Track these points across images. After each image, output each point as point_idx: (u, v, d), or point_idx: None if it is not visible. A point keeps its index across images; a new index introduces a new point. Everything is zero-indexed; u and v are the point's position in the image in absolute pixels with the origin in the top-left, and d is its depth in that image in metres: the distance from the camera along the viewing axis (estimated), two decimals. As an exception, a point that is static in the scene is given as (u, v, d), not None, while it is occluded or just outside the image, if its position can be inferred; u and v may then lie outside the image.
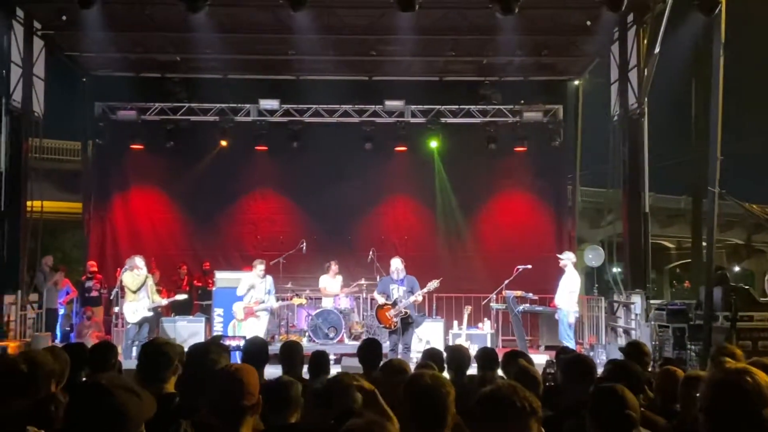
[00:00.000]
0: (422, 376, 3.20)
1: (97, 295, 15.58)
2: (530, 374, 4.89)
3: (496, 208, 17.98)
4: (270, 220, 17.88)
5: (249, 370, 3.34)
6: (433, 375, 3.21)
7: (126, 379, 2.29)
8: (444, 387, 3.09)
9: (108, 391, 2.13)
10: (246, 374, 3.27)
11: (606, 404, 3.32)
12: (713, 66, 11.40)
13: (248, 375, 3.28)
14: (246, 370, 3.31)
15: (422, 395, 3.05)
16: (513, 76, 16.95)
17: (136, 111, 17.08)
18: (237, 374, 3.26)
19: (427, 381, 3.11)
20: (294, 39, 14.69)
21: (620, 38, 14.75)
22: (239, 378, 3.23)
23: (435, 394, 3.04)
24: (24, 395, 3.70)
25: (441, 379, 3.18)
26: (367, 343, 6.24)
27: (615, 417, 3.26)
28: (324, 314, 14.33)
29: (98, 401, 2.11)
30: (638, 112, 14.11)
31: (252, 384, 3.24)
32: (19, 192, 14.04)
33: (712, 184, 11.20)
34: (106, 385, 2.16)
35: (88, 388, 2.22)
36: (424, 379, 3.15)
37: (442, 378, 3.21)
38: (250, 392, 3.21)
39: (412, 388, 3.15)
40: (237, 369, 3.32)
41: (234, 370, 3.31)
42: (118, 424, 2.10)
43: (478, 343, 12.58)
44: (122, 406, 2.11)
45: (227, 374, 3.29)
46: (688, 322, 11.89)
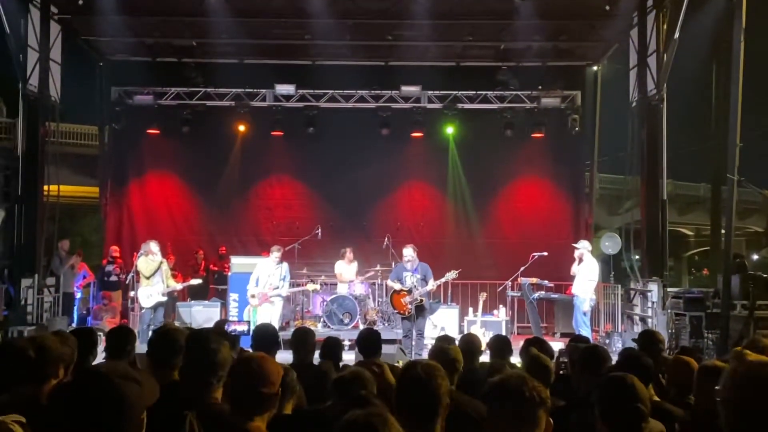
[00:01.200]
0: (415, 366, 3.15)
1: (116, 279, 15.67)
2: (541, 363, 4.84)
3: (512, 194, 17.90)
4: (286, 205, 17.89)
5: (272, 361, 3.30)
6: (425, 365, 3.15)
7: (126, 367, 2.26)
8: (437, 378, 3.04)
9: (107, 379, 2.11)
10: (269, 364, 3.23)
11: (615, 395, 3.25)
12: (733, 51, 11.24)
13: (270, 366, 3.24)
14: (269, 360, 3.27)
15: (414, 386, 3.00)
16: (531, 62, 16.81)
17: (152, 96, 17.11)
18: (260, 364, 3.21)
19: (419, 372, 3.06)
20: (310, 23, 14.66)
21: (639, 23, 14.57)
22: (262, 368, 3.19)
23: (427, 385, 2.99)
24: (32, 380, 3.70)
25: (435, 370, 3.11)
26: (365, 333, 6.20)
27: (624, 409, 3.20)
28: (339, 300, 14.33)
29: (98, 390, 2.09)
30: (657, 98, 13.96)
31: (274, 375, 3.21)
32: (35, 176, 14.09)
33: (731, 171, 11.06)
34: (106, 374, 2.13)
35: (87, 377, 2.20)
36: (416, 370, 3.10)
37: (436, 368, 3.15)
38: (272, 382, 3.18)
39: (404, 379, 3.11)
40: (261, 358, 3.27)
41: (258, 357, 3.26)
42: (118, 413, 2.08)
43: (493, 330, 12.56)
44: (122, 395, 2.09)
45: (250, 363, 3.24)
46: (706, 311, 11.81)
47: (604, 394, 3.30)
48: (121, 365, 2.30)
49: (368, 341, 5.84)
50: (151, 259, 12.63)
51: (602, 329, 15.09)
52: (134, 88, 17.25)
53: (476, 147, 17.51)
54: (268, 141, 17.36)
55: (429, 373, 3.02)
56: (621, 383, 3.31)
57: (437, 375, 3.02)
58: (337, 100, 17.43)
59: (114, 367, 2.23)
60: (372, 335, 5.96)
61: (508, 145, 17.36)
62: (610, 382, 3.38)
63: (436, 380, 2.98)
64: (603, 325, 15.31)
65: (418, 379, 2.99)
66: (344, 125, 17.22)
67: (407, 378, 3.06)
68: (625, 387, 3.27)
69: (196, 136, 17.28)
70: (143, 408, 2.16)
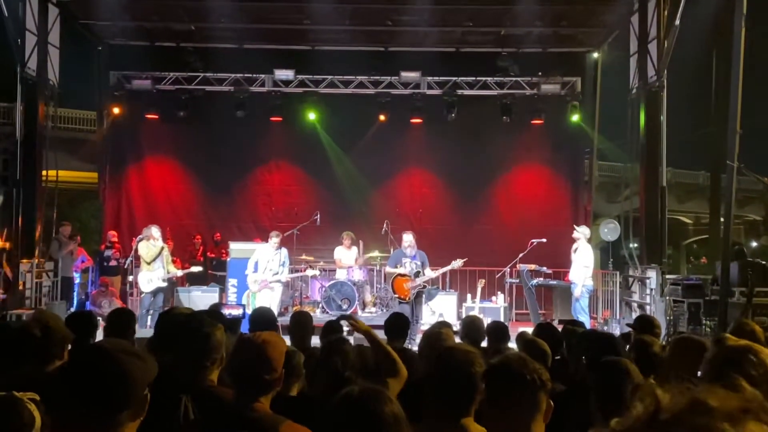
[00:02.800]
0: (454, 352, 3.08)
1: (115, 264, 15.66)
2: (539, 347, 4.83)
3: (511, 181, 17.87)
4: (285, 191, 17.87)
5: (276, 343, 3.25)
6: (465, 352, 3.09)
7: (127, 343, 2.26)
8: (475, 365, 2.97)
9: (110, 354, 2.10)
10: (273, 348, 3.19)
11: (611, 379, 3.24)
12: (734, 38, 11.19)
13: (275, 349, 3.20)
14: (273, 344, 3.22)
15: (454, 373, 2.94)
16: (531, 48, 16.77)
17: (151, 80, 17.05)
18: (263, 347, 3.18)
19: (459, 358, 3.01)
20: (309, 8, 14.63)
21: (640, 9, 14.51)
22: (265, 351, 3.16)
23: (467, 373, 2.92)
24: (36, 361, 3.69)
25: (473, 356, 3.05)
26: (395, 317, 6.24)
27: (621, 393, 3.19)
28: (337, 286, 14.34)
29: (101, 365, 2.09)
30: (657, 85, 13.93)
31: (276, 359, 3.18)
32: (34, 161, 14.08)
33: (731, 158, 11.04)
34: (109, 349, 2.13)
35: (90, 353, 2.19)
36: (456, 355, 3.04)
37: (475, 354, 3.09)
38: (274, 367, 3.16)
39: (442, 365, 3.04)
40: (264, 341, 3.21)
41: (261, 342, 3.21)
42: (122, 386, 2.08)
43: (491, 317, 12.56)
44: (125, 369, 2.08)
45: (253, 346, 3.20)
46: (704, 298, 11.81)
47: (600, 379, 3.30)
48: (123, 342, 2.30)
49: (397, 325, 5.95)
50: (152, 244, 12.61)
51: (600, 316, 15.11)
52: (133, 73, 17.18)
53: (476, 133, 17.45)
54: (267, 126, 17.31)
55: (468, 360, 2.96)
56: (616, 367, 3.31)
57: (475, 362, 2.96)
58: (336, 85, 17.37)
59: (116, 342, 2.23)
60: (400, 319, 6.07)
61: (508, 131, 17.30)
62: (605, 367, 3.37)
63: (475, 367, 2.93)
64: (601, 312, 15.33)
65: (458, 366, 2.93)
66: (343, 111, 17.17)
67: (446, 365, 2.99)
68: (620, 371, 3.27)
69: (195, 121, 17.24)
70: (146, 383, 2.16)
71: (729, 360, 2.80)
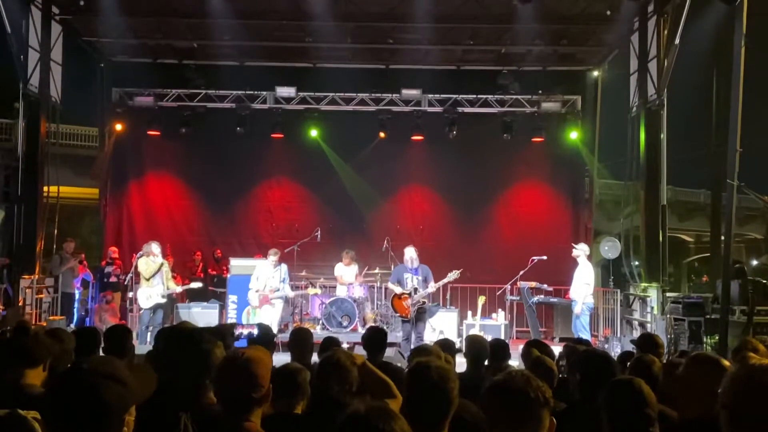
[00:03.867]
0: (429, 368, 3.11)
1: (115, 280, 15.66)
2: (545, 365, 4.82)
3: (512, 198, 17.88)
4: (285, 207, 17.88)
5: (260, 359, 3.23)
6: (439, 368, 3.12)
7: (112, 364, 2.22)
8: (450, 381, 3.01)
9: (85, 379, 2.07)
10: (257, 365, 3.18)
11: (623, 400, 3.20)
12: (734, 57, 11.22)
13: (259, 366, 3.18)
14: (257, 361, 3.20)
15: (428, 389, 2.97)
16: (531, 66, 16.86)
17: (153, 97, 17.10)
18: (248, 365, 3.16)
19: (433, 375, 3.03)
20: (311, 26, 14.71)
21: (640, 28, 14.60)
22: (250, 369, 3.14)
23: (442, 389, 2.96)
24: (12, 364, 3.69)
25: (448, 373, 3.08)
26: (372, 332, 6.25)
27: (633, 414, 3.15)
28: (338, 302, 14.31)
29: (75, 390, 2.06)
30: (657, 103, 13.98)
31: (262, 375, 3.16)
32: (35, 177, 14.12)
33: (731, 176, 11.05)
34: (87, 372, 2.10)
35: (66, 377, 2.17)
36: (430, 372, 3.06)
37: (450, 371, 3.12)
38: (260, 384, 3.14)
39: (417, 381, 3.08)
40: (248, 359, 3.20)
41: (245, 360, 3.19)
42: (96, 413, 2.05)
43: (491, 334, 12.49)
44: (100, 395, 2.05)
45: (237, 364, 3.18)
46: (705, 316, 11.79)
47: (612, 399, 3.25)
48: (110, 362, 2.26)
49: (375, 339, 5.93)
50: (152, 260, 12.62)
51: (601, 334, 15.07)
52: (135, 90, 17.24)
53: (476, 150, 17.48)
54: (269, 143, 17.35)
55: (442, 376, 2.99)
56: (629, 388, 3.26)
57: (450, 378, 2.99)
58: (337, 102, 17.42)
59: (100, 364, 2.19)
60: (379, 334, 6.05)
61: (508, 149, 17.34)
62: (617, 387, 3.32)
63: (449, 383, 2.95)
64: (602, 330, 15.29)
65: (433, 382, 2.96)
66: (345, 128, 17.22)
67: (420, 380, 3.02)
68: (633, 391, 3.22)
69: (197, 138, 17.29)
70: (125, 409, 2.12)
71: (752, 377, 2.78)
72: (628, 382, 3.31)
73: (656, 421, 3.22)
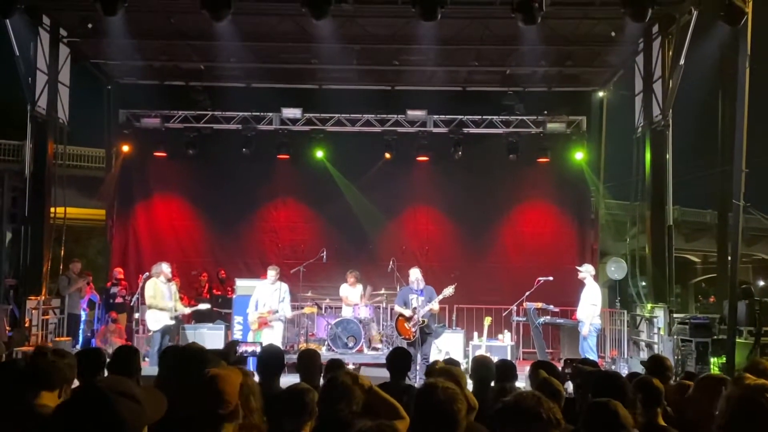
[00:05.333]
0: (435, 389, 3.11)
1: (121, 301, 15.67)
2: (553, 386, 4.80)
3: (518, 219, 17.87)
4: (291, 228, 17.90)
5: (226, 376, 3.27)
6: (446, 389, 3.12)
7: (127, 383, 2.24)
8: (457, 402, 3.01)
9: (103, 397, 2.08)
10: (223, 382, 3.21)
11: (599, 421, 3.24)
12: (739, 78, 11.29)
13: (225, 383, 3.22)
14: (223, 378, 3.24)
15: (434, 410, 2.97)
16: (536, 87, 16.92)
17: (159, 119, 17.21)
18: (213, 382, 3.20)
19: (440, 396, 3.03)
20: (317, 48, 14.76)
21: (645, 49, 14.64)
22: (215, 386, 3.18)
23: (448, 410, 2.96)
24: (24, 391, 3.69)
25: (455, 394, 3.09)
26: (395, 352, 6.23)
27: None
28: (343, 323, 14.29)
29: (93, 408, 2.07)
30: (663, 123, 14.00)
31: (229, 392, 3.19)
32: (43, 198, 14.18)
33: (737, 197, 11.06)
34: (102, 391, 2.11)
35: (83, 394, 2.17)
36: (437, 393, 3.07)
37: (456, 392, 3.12)
38: (227, 401, 3.17)
39: (423, 401, 3.08)
40: (213, 377, 3.25)
41: (210, 378, 3.24)
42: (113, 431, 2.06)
43: (498, 355, 12.44)
44: (117, 413, 2.06)
45: (203, 382, 3.23)
46: (712, 337, 11.75)
47: (589, 420, 3.29)
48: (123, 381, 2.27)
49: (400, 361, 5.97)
50: (162, 281, 12.59)
51: (608, 355, 15.00)
52: (142, 111, 17.35)
53: (482, 171, 17.51)
54: (274, 164, 17.42)
55: (449, 397, 2.99)
56: (604, 409, 3.29)
57: (457, 399, 2.99)
58: (343, 123, 17.49)
59: (113, 383, 2.21)
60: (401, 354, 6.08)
61: (514, 169, 17.38)
62: (593, 408, 3.36)
63: (456, 404, 2.95)
64: (609, 351, 15.22)
65: (438, 402, 2.96)
66: (350, 149, 17.28)
67: (427, 400, 3.03)
68: (608, 412, 3.25)
69: (203, 159, 17.37)
70: (140, 427, 2.14)
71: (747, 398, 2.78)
72: (605, 403, 3.34)
73: None
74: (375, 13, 14.08)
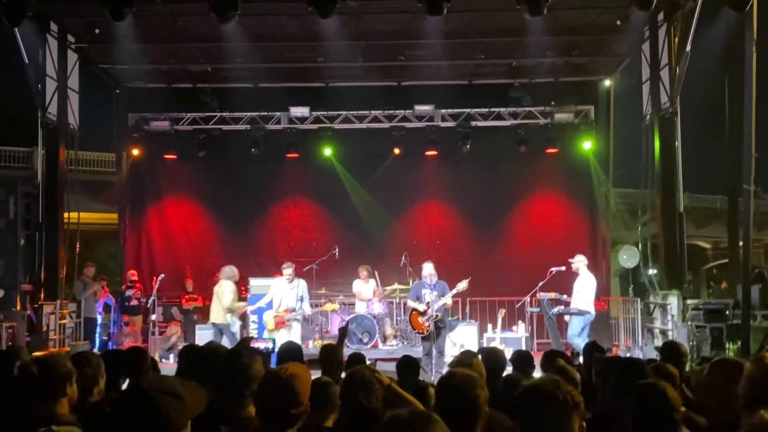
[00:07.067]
0: (454, 376, 3.16)
1: (136, 303, 15.77)
2: (569, 374, 4.85)
3: (528, 210, 17.89)
4: (302, 226, 17.97)
5: (301, 376, 3.30)
6: (465, 375, 3.17)
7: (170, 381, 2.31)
8: (476, 388, 3.04)
9: (149, 396, 2.16)
10: (298, 382, 3.25)
11: (649, 404, 3.18)
12: (745, 62, 11.28)
13: (300, 383, 3.25)
14: (299, 378, 3.27)
15: (453, 396, 3.02)
16: (543, 78, 16.93)
17: (169, 121, 17.29)
18: (289, 382, 3.23)
19: (458, 381, 3.08)
20: (323, 46, 14.83)
21: (651, 37, 14.62)
22: (291, 386, 3.21)
23: (467, 395, 3.00)
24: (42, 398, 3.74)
25: (473, 380, 3.13)
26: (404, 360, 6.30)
27: (659, 418, 3.13)
28: (358, 319, 14.35)
29: (139, 408, 2.14)
30: (670, 111, 13.99)
31: (303, 393, 3.23)
32: (56, 203, 14.28)
33: (747, 181, 11.06)
34: (148, 391, 2.18)
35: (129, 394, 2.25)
36: (455, 379, 3.12)
37: (476, 378, 3.17)
38: (300, 401, 3.21)
39: (443, 387, 3.13)
40: (290, 376, 3.26)
41: (287, 376, 3.25)
42: (159, 430, 2.13)
43: (512, 347, 12.51)
44: (162, 411, 2.13)
45: (279, 381, 3.25)
46: (726, 322, 11.75)
47: (638, 404, 3.23)
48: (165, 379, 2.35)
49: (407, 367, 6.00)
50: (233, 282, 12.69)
51: (622, 344, 15.02)
52: (151, 114, 17.43)
53: (491, 164, 17.53)
54: (284, 163, 17.49)
55: (468, 383, 3.03)
56: (654, 391, 3.24)
57: (476, 385, 3.03)
58: (351, 120, 17.54)
59: (156, 381, 2.28)
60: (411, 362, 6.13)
61: (523, 161, 17.39)
62: (642, 391, 3.30)
63: (475, 390, 2.99)
64: (623, 340, 15.23)
65: (457, 388, 3.00)
66: (359, 145, 17.34)
67: (447, 388, 3.07)
68: (659, 395, 3.21)
69: (213, 160, 17.45)
70: (184, 423, 2.21)
71: None
72: (653, 385, 3.29)
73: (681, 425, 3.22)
74: (380, 10, 14.13)
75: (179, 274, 16.80)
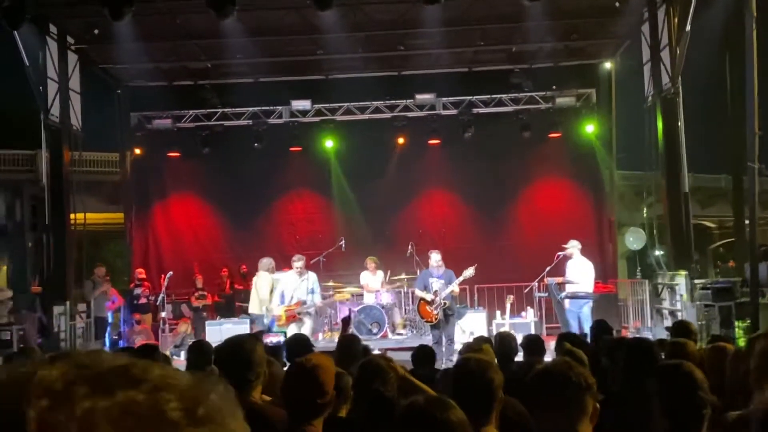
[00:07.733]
0: (468, 360, 3.20)
1: (145, 302, 15.82)
2: (577, 356, 4.87)
3: (533, 195, 17.90)
4: (308, 219, 18.02)
5: (325, 366, 3.31)
6: (479, 360, 3.20)
7: None
8: (489, 372, 3.07)
9: None
10: (324, 372, 3.26)
11: (676, 385, 3.11)
12: (746, 40, 11.23)
13: (324, 372, 3.27)
14: (324, 368, 3.28)
15: (468, 381, 3.04)
16: (543, 63, 16.91)
17: (171, 119, 17.33)
18: (314, 372, 3.24)
19: (472, 366, 3.11)
20: (322, 38, 14.83)
21: (650, 18, 14.57)
22: (317, 376, 3.23)
23: (481, 380, 3.02)
24: None
25: (487, 365, 3.16)
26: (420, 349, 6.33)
27: (687, 399, 3.04)
28: (366, 310, 14.37)
29: None
30: (672, 91, 13.95)
31: (328, 382, 3.25)
32: (62, 205, 14.33)
33: (751, 159, 11.04)
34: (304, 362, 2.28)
35: None
36: (470, 364, 3.15)
37: (490, 363, 3.20)
38: (326, 391, 3.22)
39: (457, 373, 3.16)
40: (314, 366, 3.26)
41: (311, 367, 3.26)
42: None
43: (522, 332, 12.47)
44: None
45: (304, 371, 3.27)
46: (734, 300, 11.75)
47: (664, 385, 3.16)
48: None
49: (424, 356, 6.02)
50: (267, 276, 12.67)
51: (632, 326, 15.04)
52: (153, 113, 17.48)
53: (494, 150, 17.53)
54: (287, 157, 17.51)
55: (482, 367, 3.06)
56: (679, 372, 3.17)
57: (490, 369, 3.06)
58: (352, 112, 17.56)
59: None
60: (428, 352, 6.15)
61: (526, 147, 17.38)
62: (667, 372, 3.23)
63: (489, 374, 3.01)
64: (632, 322, 15.25)
65: (472, 373, 3.03)
66: (361, 137, 17.35)
67: (461, 372, 3.10)
68: (684, 376, 3.13)
69: (216, 156, 17.49)
70: None
71: None
72: (678, 366, 3.22)
73: (708, 405, 3.19)
74: (379, 0, 14.11)
75: (187, 271, 16.85)
